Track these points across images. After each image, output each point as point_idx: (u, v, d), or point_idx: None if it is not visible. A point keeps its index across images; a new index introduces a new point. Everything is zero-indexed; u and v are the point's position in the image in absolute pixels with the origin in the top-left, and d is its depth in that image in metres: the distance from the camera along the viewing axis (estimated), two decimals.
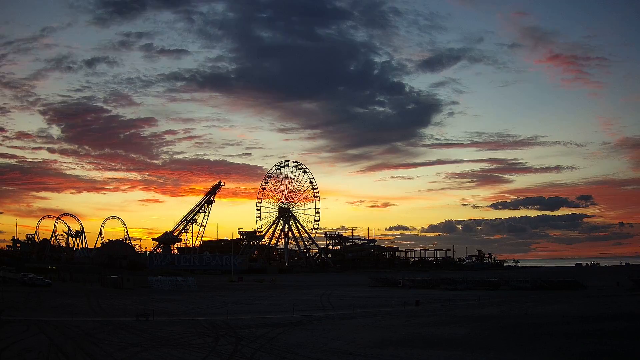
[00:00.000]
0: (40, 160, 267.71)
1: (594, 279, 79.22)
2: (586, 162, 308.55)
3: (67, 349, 24.31)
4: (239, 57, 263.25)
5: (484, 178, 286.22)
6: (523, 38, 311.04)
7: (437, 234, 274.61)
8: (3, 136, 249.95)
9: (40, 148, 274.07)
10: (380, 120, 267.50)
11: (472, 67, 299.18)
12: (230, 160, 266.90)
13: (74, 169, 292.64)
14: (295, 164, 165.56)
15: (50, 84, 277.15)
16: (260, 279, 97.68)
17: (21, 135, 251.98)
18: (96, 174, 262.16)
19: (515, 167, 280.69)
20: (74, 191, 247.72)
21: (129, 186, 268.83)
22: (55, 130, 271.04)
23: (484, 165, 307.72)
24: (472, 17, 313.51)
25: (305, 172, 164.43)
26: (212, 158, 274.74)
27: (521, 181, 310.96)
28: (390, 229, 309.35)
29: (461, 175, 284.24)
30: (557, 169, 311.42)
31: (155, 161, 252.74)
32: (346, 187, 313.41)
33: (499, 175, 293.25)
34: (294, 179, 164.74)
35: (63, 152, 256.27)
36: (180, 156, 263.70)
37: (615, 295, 54.49)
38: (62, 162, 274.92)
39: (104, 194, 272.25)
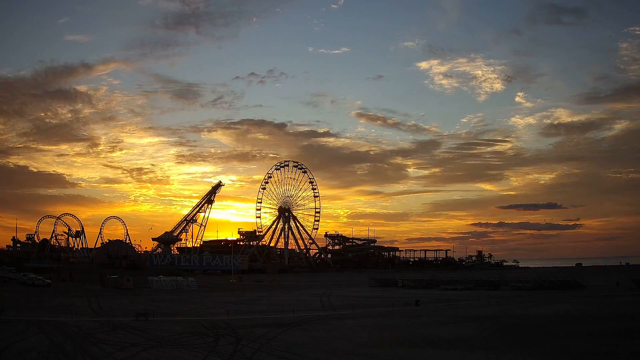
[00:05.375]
0: None
1: (594, 279, 79.11)
2: None
3: (67, 349, 24.31)
4: None
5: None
6: None
7: (446, 236, 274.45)
8: None
9: None
10: None
11: None
12: None
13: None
14: (295, 164, 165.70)
15: None
16: (260, 279, 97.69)
17: None
18: None
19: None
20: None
21: None
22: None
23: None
24: None
25: (305, 172, 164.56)
26: None
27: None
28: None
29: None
30: None
31: None
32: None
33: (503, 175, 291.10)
34: (294, 179, 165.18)
35: None
36: None
37: (615, 295, 54.49)
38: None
39: None
